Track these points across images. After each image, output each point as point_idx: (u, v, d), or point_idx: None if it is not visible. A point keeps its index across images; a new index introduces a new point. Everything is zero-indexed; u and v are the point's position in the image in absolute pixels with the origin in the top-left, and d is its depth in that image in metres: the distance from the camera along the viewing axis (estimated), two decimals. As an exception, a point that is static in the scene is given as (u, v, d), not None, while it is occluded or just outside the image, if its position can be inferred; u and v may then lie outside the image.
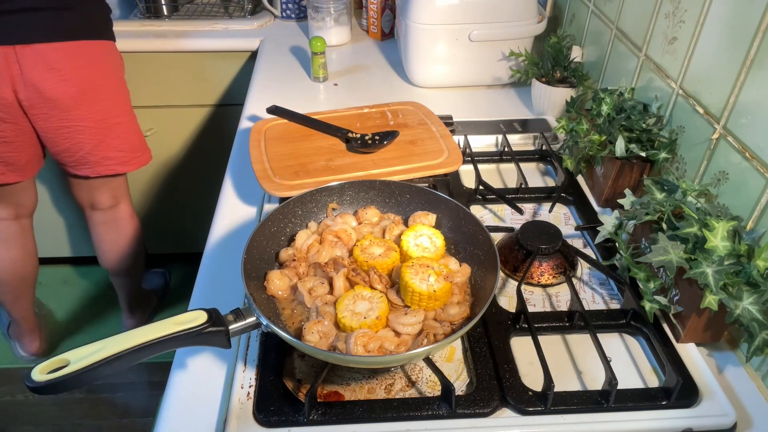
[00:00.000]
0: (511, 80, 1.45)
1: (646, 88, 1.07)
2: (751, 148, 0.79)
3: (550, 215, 1.04)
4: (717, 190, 0.86)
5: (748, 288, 0.71)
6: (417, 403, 0.71)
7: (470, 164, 1.12)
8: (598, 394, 0.73)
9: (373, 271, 0.79)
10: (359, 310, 0.74)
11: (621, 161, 0.99)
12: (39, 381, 0.57)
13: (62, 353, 0.60)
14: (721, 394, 0.73)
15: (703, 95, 0.90)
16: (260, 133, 1.14)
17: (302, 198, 0.89)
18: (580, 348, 0.81)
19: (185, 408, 0.74)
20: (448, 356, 0.79)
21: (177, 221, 2.18)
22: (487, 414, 0.71)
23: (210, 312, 0.67)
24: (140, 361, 0.63)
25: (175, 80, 1.86)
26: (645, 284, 0.81)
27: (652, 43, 1.05)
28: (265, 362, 0.76)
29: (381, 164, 1.06)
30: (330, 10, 1.65)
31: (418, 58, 1.43)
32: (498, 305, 0.84)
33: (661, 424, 0.71)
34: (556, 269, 0.90)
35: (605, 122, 1.03)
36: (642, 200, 0.86)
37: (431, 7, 1.35)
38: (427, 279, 0.76)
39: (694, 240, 0.75)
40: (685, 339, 0.79)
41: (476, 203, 1.07)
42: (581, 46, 1.34)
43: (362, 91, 1.48)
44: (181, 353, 0.80)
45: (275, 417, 0.70)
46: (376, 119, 1.21)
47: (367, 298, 0.76)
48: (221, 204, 1.08)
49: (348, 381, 0.76)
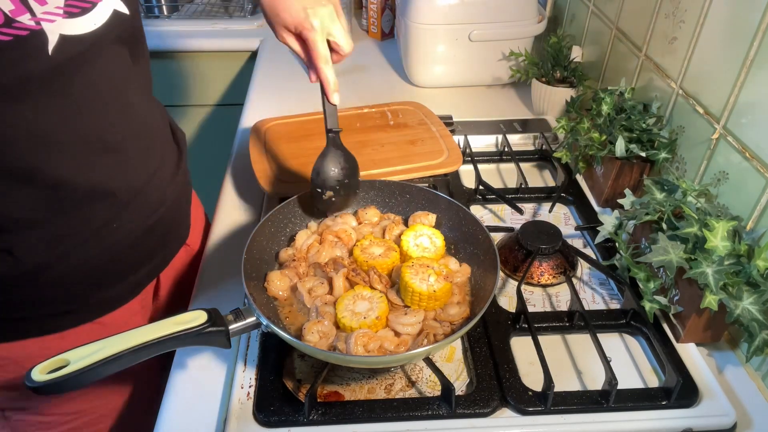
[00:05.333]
0: (511, 80, 1.45)
1: (646, 88, 1.07)
2: (751, 148, 0.79)
3: (550, 215, 1.04)
4: (717, 190, 0.86)
5: (748, 288, 0.71)
6: (417, 403, 0.71)
7: (470, 164, 1.12)
8: (598, 394, 0.73)
9: (373, 271, 0.79)
10: (359, 310, 0.74)
11: (621, 161, 0.99)
12: (39, 381, 0.57)
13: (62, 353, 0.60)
14: (721, 394, 0.73)
15: (703, 95, 0.90)
16: (260, 133, 1.14)
17: (302, 198, 0.89)
18: (580, 348, 0.81)
19: (185, 408, 0.74)
20: (448, 356, 0.79)
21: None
22: (487, 414, 0.71)
23: (210, 312, 0.67)
24: (140, 361, 0.63)
25: (175, 80, 1.86)
26: (645, 284, 0.81)
27: (652, 43, 1.05)
28: (265, 362, 0.76)
29: (381, 164, 1.06)
30: (330, 10, 1.64)
31: (418, 58, 1.43)
32: (498, 305, 0.84)
33: (661, 424, 0.71)
34: (556, 269, 0.90)
35: (605, 122, 1.03)
36: (642, 200, 0.86)
37: (431, 7, 1.35)
38: (427, 279, 0.76)
39: (694, 240, 0.75)
40: (685, 339, 0.79)
41: (476, 203, 1.07)
42: (581, 46, 1.34)
43: (362, 91, 1.48)
44: (181, 353, 0.80)
45: (275, 417, 0.70)
46: (376, 119, 1.21)
47: (367, 298, 0.76)
48: (221, 204, 1.08)
49: (348, 381, 0.76)
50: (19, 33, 0.60)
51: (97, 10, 0.68)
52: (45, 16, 0.62)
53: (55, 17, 0.63)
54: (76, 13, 0.66)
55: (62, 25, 0.64)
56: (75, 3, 0.65)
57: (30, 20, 0.61)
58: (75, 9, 0.65)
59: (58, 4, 0.64)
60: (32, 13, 0.61)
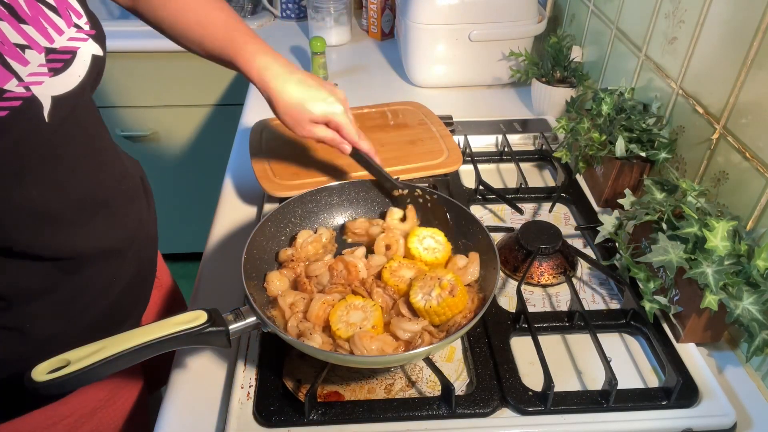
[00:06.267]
0: (511, 80, 1.45)
1: (646, 88, 1.07)
2: (751, 148, 0.79)
3: (550, 215, 1.04)
4: (717, 190, 0.86)
5: (748, 288, 0.71)
6: (417, 403, 0.71)
7: (470, 164, 1.12)
8: (598, 394, 0.73)
9: (376, 285, 0.78)
10: (353, 320, 0.72)
11: (621, 161, 0.99)
12: (39, 381, 0.57)
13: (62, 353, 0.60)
14: (721, 394, 0.73)
15: (703, 95, 0.90)
16: (260, 133, 1.14)
17: (302, 198, 0.89)
18: (580, 348, 0.81)
19: (185, 408, 0.74)
20: (448, 356, 0.79)
21: (177, 221, 2.19)
22: (487, 414, 0.71)
23: (210, 312, 0.67)
24: (140, 361, 0.63)
25: (175, 80, 1.86)
26: (645, 284, 0.81)
27: (652, 43, 1.05)
28: (265, 362, 0.76)
29: (381, 164, 1.05)
30: (330, 10, 1.65)
31: (418, 58, 1.43)
32: (498, 305, 0.84)
33: (661, 424, 0.71)
34: (556, 269, 0.90)
35: (605, 122, 1.03)
36: (642, 200, 0.86)
37: (431, 7, 1.35)
38: (429, 294, 0.74)
39: (694, 240, 0.75)
40: (685, 339, 0.79)
41: (476, 203, 1.07)
42: (581, 46, 1.34)
43: (362, 91, 1.48)
44: (181, 353, 0.80)
45: (275, 417, 0.70)
46: (376, 119, 1.21)
47: (360, 307, 0.74)
48: (221, 204, 1.08)
49: (348, 381, 0.76)
50: (13, 104, 0.57)
51: (77, 61, 0.65)
52: (32, 79, 0.59)
53: (42, 77, 0.60)
54: (59, 69, 0.62)
55: (51, 85, 0.61)
56: (56, 57, 0.62)
57: (18, 86, 0.58)
58: (57, 64, 0.62)
59: (39, 61, 0.60)
60: (18, 77, 0.58)
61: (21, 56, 0.59)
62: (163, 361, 0.76)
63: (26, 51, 0.59)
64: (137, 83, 1.86)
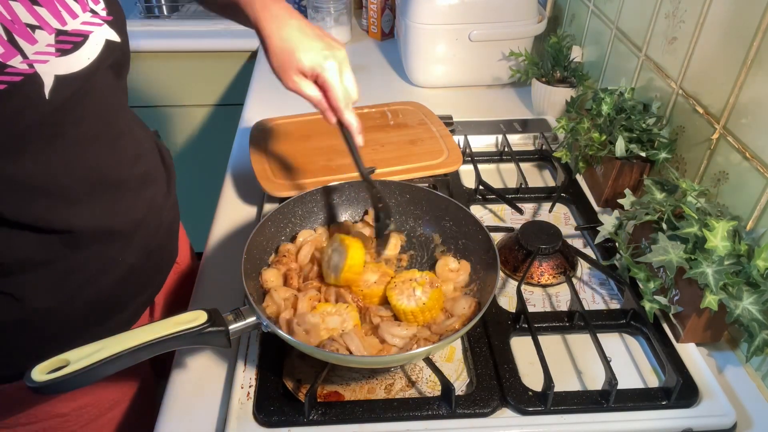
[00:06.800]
0: (511, 80, 1.45)
1: (646, 88, 1.07)
2: (751, 148, 0.79)
3: (550, 215, 1.04)
4: (717, 190, 0.86)
5: (748, 288, 0.71)
6: (417, 403, 0.71)
7: (470, 164, 1.12)
8: (598, 394, 0.73)
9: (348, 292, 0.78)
10: (333, 325, 0.72)
11: (621, 161, 0.99)
12: (39, 381, 0.57)
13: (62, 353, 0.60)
14: (721, 394, 0.73)
15: (703, 95, 0.90)
16: (260, 133, 1.14)
17: (302, 198, 0.89)
18: (580, 348, 0.81)
19: (185, 408, 0.74)
20: (448, 356, 0.79)
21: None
22: (487, 414, 0.71)
23: (210, 312, 0.67)
24: (140, 361, 0.63)
25: (176, 80, 1.86)
26: (645, 284, 0.81)
27: (652, 43, 1.05)
28: (265, 362, 0.76)
29: (381, 164, 1.05)
30: (330, 10, 1.65)
31: (418, 58, 1.43)
32: (498, 305, 0.84)
33: (661, 424, 0.71)
34: (556, 269, 0.90)
35: (605, 122, 1.03)
36: (642, 200, 0.86)
37: (431, 7, 1.35)
38: (413, 294, 0.75)
39: (694, 240, 0.75)
40: (685, 339, 0.79)
41: (476, 203, 1.07)
42: (581, 46, 1.34)
43: (362, 91, 1.46)
44: (181, 353, 0.80)
45: (275, 417, 0.70)
46: (376, 119, 1.21)
47: (334, 312, 0.74)
48: (221, 204, 1.08)
49: (348, 381, 0.76)
50: (13, 79, 0.57)
51: (89, 44, 0.65)
52: (37, 57, 0.59)
53: (48, 57, 0.60)
54: (68, 50, 0.62)
55: (56, 64, 0.61)
56: (66, 38, 0.62)
57: (22, 63, 0.58)
58: (67, 45, 0.62)
59: (48, 41, 0.60)
60: (23, 54, 0.58)
61: (30, 35, 0.59)
62: (170, 354, 0.76)
63: (36, 31, 0.60)
64: (137, 83, 1.86)
